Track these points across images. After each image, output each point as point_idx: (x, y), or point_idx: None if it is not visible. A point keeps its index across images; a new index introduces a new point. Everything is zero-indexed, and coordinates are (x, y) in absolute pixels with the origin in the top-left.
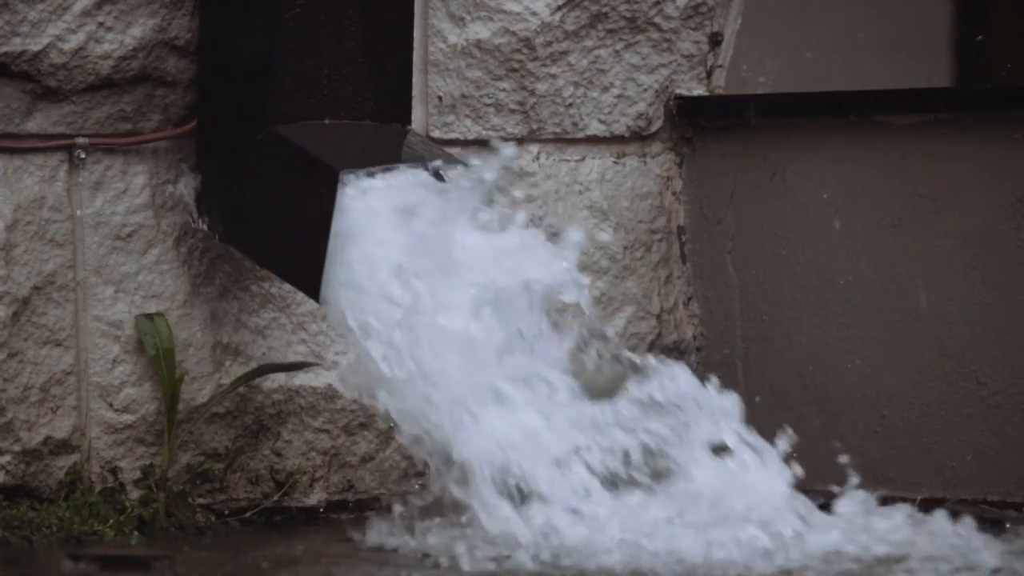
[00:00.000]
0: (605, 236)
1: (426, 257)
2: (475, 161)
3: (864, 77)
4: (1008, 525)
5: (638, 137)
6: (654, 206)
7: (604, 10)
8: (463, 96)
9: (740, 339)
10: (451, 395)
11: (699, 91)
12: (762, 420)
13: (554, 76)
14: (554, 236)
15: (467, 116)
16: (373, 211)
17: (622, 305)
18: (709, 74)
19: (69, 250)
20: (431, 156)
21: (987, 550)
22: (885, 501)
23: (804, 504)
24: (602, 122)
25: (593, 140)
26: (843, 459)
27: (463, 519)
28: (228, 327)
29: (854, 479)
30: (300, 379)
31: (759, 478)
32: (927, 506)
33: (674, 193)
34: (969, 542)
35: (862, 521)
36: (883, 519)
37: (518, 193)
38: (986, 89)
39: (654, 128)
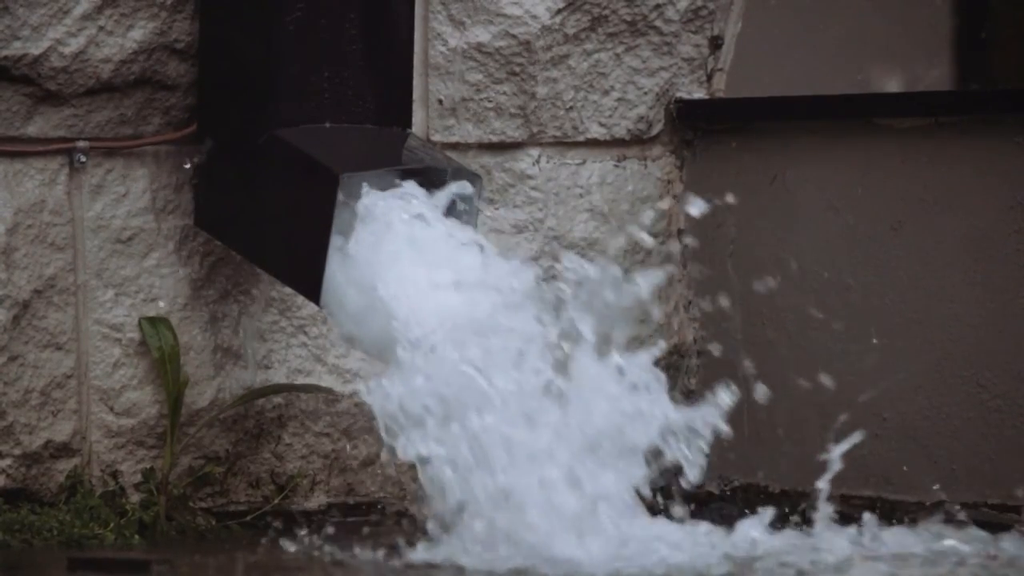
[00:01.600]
0: (605, 239)
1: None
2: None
3: (865, 80)
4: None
5: (639, 140)
6: (654, 209)
7: (604, 13)
8: (463, 99)
9: (741, 343)
10: None
11: (700, 94)
12: (763, 424)
13: (554, 80)
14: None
15: (467, 120)
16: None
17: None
18: (710, 77)
19: (70, 253)
20: (434, 161)
21: None
22: (885, 505)
23: None
24: (602, 125)
25: (593, 143)
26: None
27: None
28: (228, 330)
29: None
30: (301, 383)
31: None
32: (928, 510)
33: (674, 196)
34: None
35: None
36: None
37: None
38: (987, 92)
39: (655, 131)
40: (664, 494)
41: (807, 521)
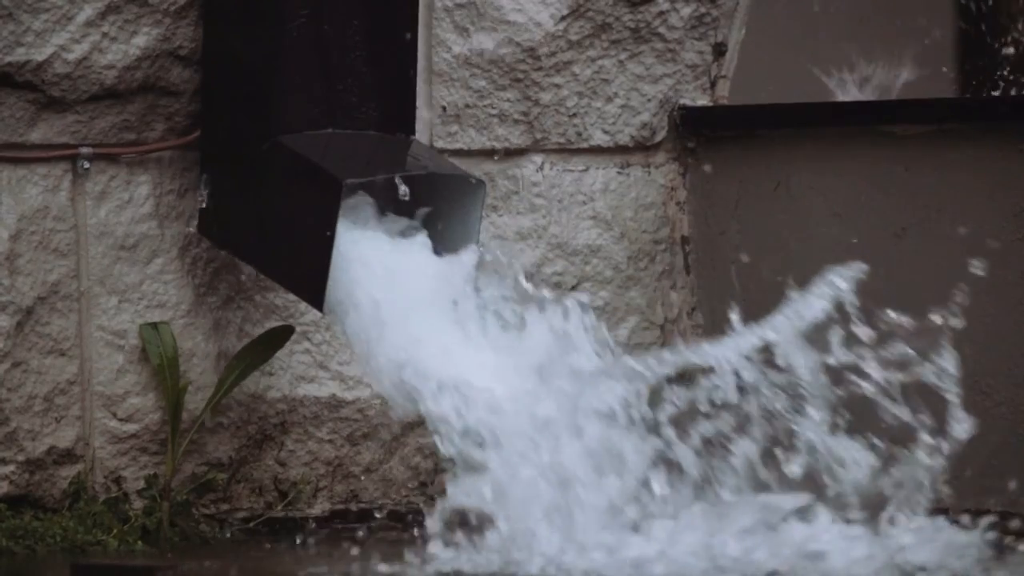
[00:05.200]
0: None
1: None
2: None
3: (868, 87)
4: None
5: (642, 147)
6: (658, 216)
7: (608, 20)
8: (467, 106)
9: None
10: None
11: (703, 101)
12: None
13: (558, 86)
14: None
15: (471, 126)
16: None
17: (626, 315)
18: (713, 84)
19: (73, 260)
20: (437, 167)
21: None
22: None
23: None
24: (606, 132)
25: (597, 150)
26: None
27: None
28: (231, 337)
29: None
30: (304, 389)
31: None
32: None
33: (678, 203)
34: None
35: None
36: None
37: None
38: (991, 100)
39: (658, 138)
40: None
41: None
